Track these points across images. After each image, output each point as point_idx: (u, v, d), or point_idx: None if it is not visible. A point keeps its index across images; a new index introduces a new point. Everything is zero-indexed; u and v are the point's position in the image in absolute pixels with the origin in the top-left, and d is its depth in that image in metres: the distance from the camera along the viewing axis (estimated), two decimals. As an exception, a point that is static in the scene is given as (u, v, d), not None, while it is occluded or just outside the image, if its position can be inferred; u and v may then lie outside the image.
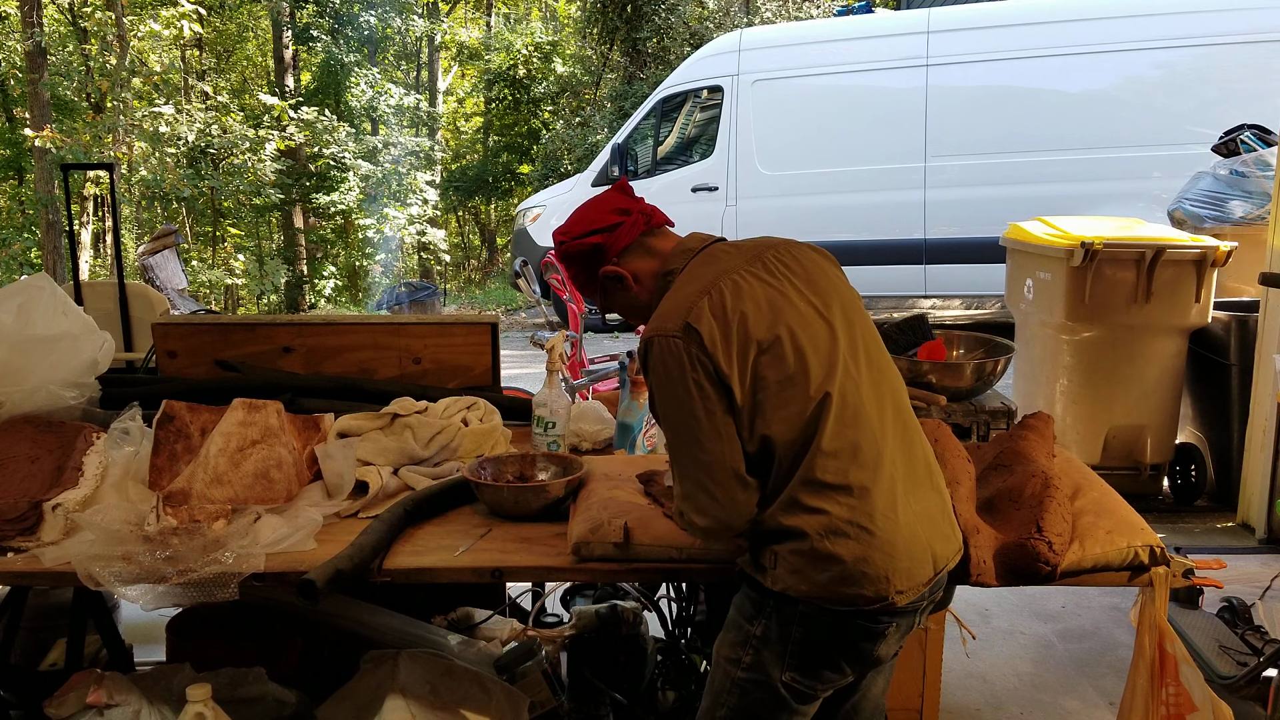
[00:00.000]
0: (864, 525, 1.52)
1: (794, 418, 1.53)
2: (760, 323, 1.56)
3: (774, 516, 1.56)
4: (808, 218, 8.43)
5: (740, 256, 1.65)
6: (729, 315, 1.55)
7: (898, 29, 8.67)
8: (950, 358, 3.47)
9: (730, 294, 1.57)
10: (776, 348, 1.55)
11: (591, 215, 1.75)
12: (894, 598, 1.53)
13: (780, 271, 1.64)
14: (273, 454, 2.08)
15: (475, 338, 2.73)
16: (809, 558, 1.52)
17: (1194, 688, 1.89)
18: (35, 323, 2.28)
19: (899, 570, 1.53)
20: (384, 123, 15.65)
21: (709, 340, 1.54)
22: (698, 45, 12.29)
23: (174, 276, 7.70)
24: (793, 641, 1.58)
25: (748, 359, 1.55)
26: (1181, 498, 4.57)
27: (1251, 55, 7.47)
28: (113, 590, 1.71)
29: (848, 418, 1.55)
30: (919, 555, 1.56)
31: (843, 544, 1.51)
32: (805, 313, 1.60)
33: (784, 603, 1.57)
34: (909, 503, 1.58)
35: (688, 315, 1.56)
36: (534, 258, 8.01)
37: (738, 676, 1.65)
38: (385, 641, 2.33)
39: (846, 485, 1.52)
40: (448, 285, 17.40)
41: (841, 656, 1.60)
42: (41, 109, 12.06)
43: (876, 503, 1.53)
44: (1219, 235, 4.52)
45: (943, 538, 1.63)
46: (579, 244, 1.74)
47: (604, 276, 1.75)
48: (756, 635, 1.61)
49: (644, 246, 1.74)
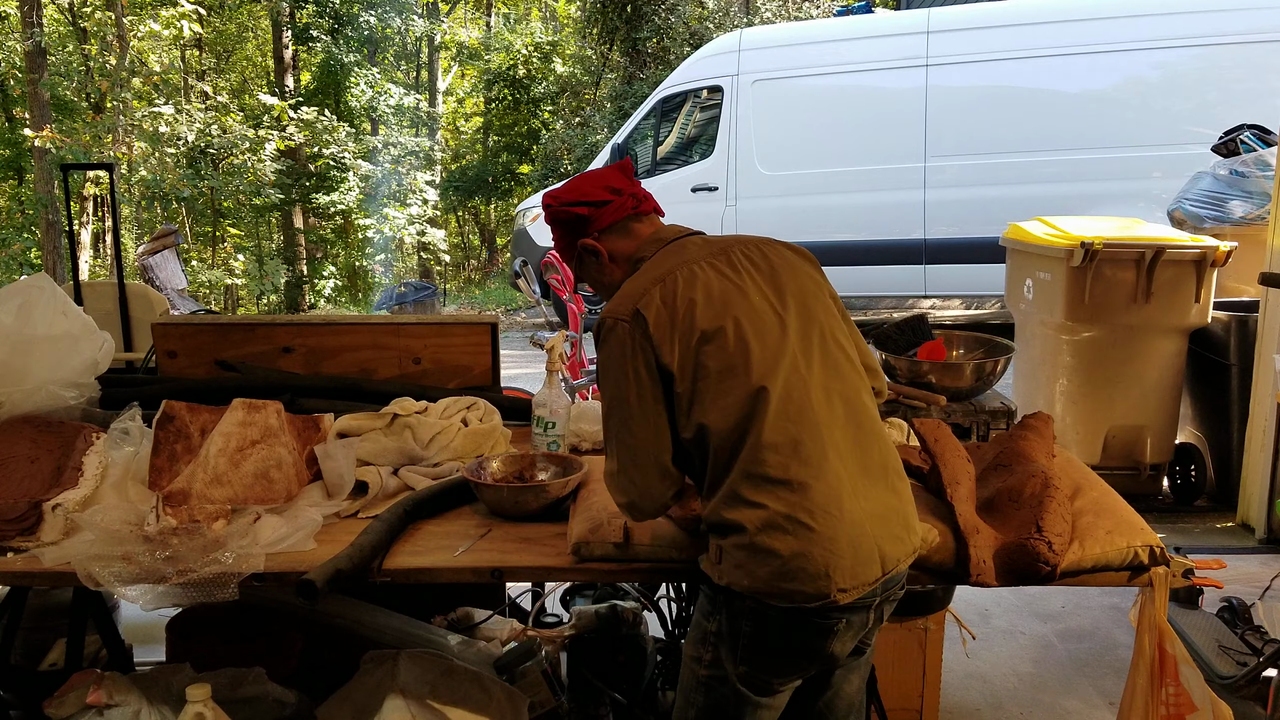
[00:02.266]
0: (803, 521, 1.51)
1: (732, 408, 1.56)
2: (707, 312, 1.60)
3: (716, 510, 1.57)
4: (807, 218, 8.44)
5: (706, 249, 1.70)
6: (678, 302, 1.60)
7: (897, 29, 8.67)
8: (950, 358, 3.47)
9: (683, 282, 1.63)
10: (720, 337, 1.58)
11: (584, 187, 1.80)
12: (836, 595, 1.52)
13: (743, 266, 1.67)
14: (272, 454, 2.08)
15: (475, 338, 2.73)
16: (749, 551, 1.53)
17: (1194, 688, 1.89)
18: (35, 323, 2.28)
19: (841, 567, 1.52)
20: (384, 123, 15.66)
21: (654, 327, 1.59)
22: (698, 45, 12.29)
23: (174, 276, 7.71)
24: (743, 636, 1.59)
25: (690, 346, 1.58)
26: (1181, 498, 4.57)
27: (1251, 55, 7.47)
28: (113, 590, 1.72)
29: (790, 412, 1.56)
30: (864, 554, 1.54)
31: (780, 539, 1.51)
32: (758, 306, 1.63)
33: (732, 598, 1.58)
34: (857, 501, 1.56)
35: (639, 301, 1.62)
36: (534, 258, 8.01)
37: (701, 675, 1.67)
38: (385, 641, 2.33)
39: (786, 480, 1.53)
40: (448, 285, 17.39)
41: (792, 652, 1.60)
42: (41, 109, 12.07)
43: (816, 498, 1.53)
44: (1219, 235, 4.52)
45: (894, 538, 1.60)
46: (565, 210, 1.80)
47: (582, 248, 1.80)
48: (713, 632, 1.63)
49: (626, 229, 1.78)
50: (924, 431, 2.10)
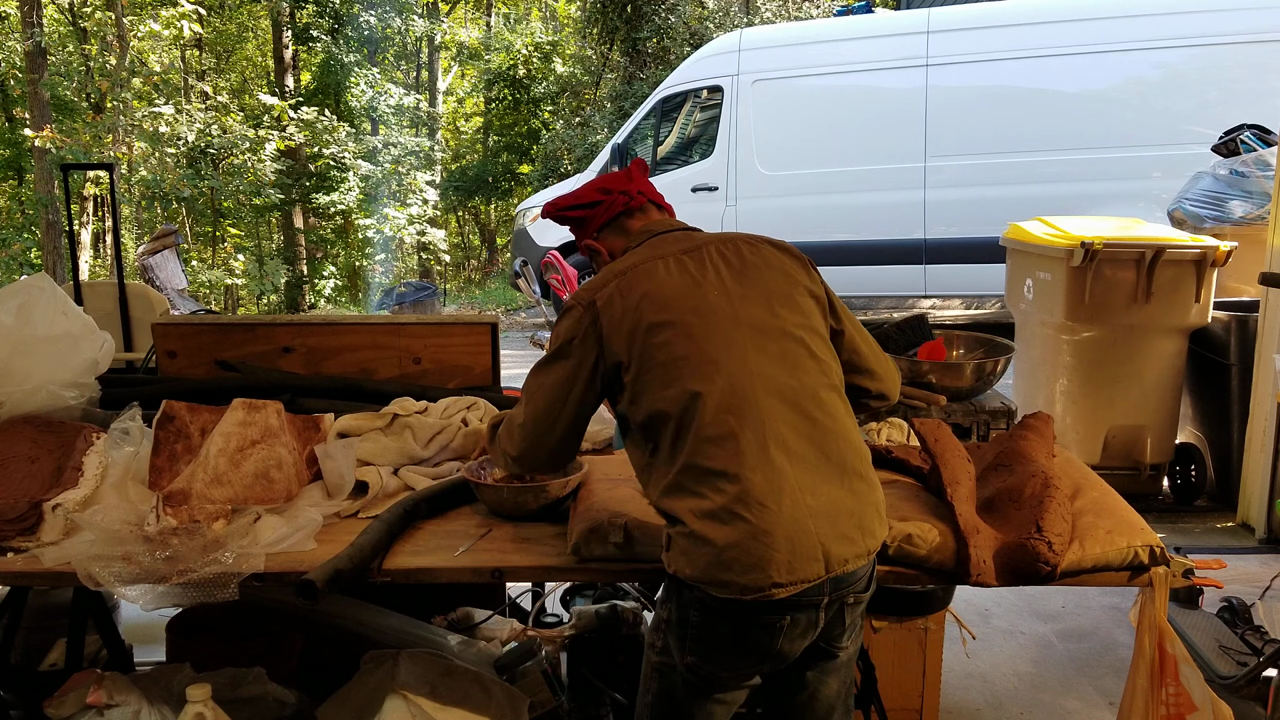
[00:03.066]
0: (738, 512, 1.52)
1: (674, 399, 1.59)
2: (657, 305, 1.64)
3: (661, 500, 1.61)
4: (807, 218, 8.44)
5: (683, 244, 1.75)
6: (631, 294, 1.66)
7: (897, 29, 8.67)
8: (950, 358, 3.47)
9: (642, 276, 1.68)
10: (667, 331, 1.62)
11: (582, 190, 1.89)
12: (771, 590, 1.52)
13: (711, 263, 1.71)
14: (273, 454, 2.08)
15: (475, 338, 2.73)
16: (690, 540, 1.56)
17: (1194, 688, 1.89)
18: (35, 323, 2.28)
19: (777, 562, 1.51)
20: (384, 123, 15.65)
21: (605, 317, 1.66)
22: (698, 45, 12.28)
23: (174, 276, 7.71)
24: (690, 625, 1.61)
25: (638, 337, 1.63)
26: (1181, 498, 4.57)
27: (1251, 55, 7.47)
28: (113, 590, 1.72)
29: (732, 405, 1.58)
30: (803, 550, 1.53)
31: (714, 528, 1.53)
32: (713, 302, 1.66)
33: (681, 586, 1.60)
34: (802, 497, 1.55)
35: (597, 292, 1.69)
36: (534, 258, 8.02)
37: (654, 660, 1.70)
38: (385, 641, 2.33)
39: (723, 471, 1.55)
40: (448, 285, 17.40)
41: (737, 647, 1.60)
42: (41, 109, 12.07)
43: (753, 491, 1.53)
44: (1219, 235, 4.51)
45: (842, 538, 1.57)
46: (562, 214, 1.89)
47: (586, 247, 1.89)
48: (664, 619, 1.66)
49: (620, 226, 1.85)
50: (924, 431, 2.10)
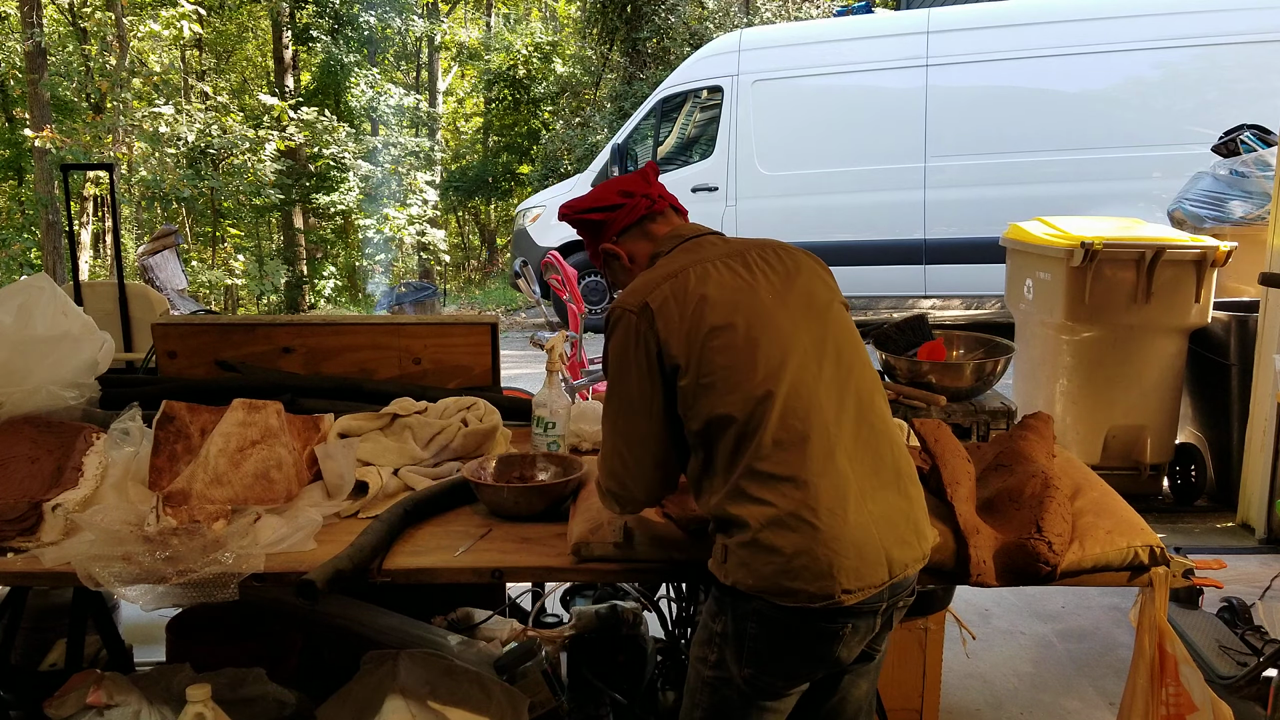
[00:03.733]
0: (806, 519, 1.51)
1: (738, 404, 1.56)
2: (717, 308, 1.61)
3: (721, 506, 1.57)
4: (807, 218, 8.45)
5: (723, 249, 1.72)
6: (689, 297, 1.62)
7: (897, 29, 8.68)
8: (950, 358, 3.47)
9: (695, 279, 1.64)
10: (729, 334, 1.59)
11: (601, 193, 1.84)
12: (840, 597, 1.51)
13: (757, 267, 1.68)
14: (272, 454, 2.08)
15: (475, 338, 2.73)
16: (753, 549, 1.53)
17: (1194, 688, 1.89)
18: (35, 323, 2.28)
19: (845, 568, 1.51)
20: (384, 123, 15.65)
21: (661, 320, 1.61)
22: (698, 45, 12.29)
23: (174, 277, 7.71)
24: (749, 638, 1.58)
25: (698, 341, 1.59)
26: (1181, 498, 4.57)
27: (1251, 55, 7.47)
28: (113, 590, 1.71)
29: (798, 410, 1.56)
30: (870, 556, 1.53)
31: (783, 536, 1.51)
32: (769, 306, 1.63)
33: (738, 598, 1.57)
34: (864, 503, 1.55)
35: (649, 295, 1.64)
36: (534, 258, 8.01)
37: (706, 675, 1.66)
38: (385, 641, 2.33)
39: (791, 477, 1.53)
40: (448, 285, 17.40)
41: (798, 656, 1.59)
42: (41, 109, 12.07)
43: (822, 497, 1.52)
44: (1219, 235, 4.52)
45: (902, 542, 1.59)
46: (581, 217, 1.84)
47: (604, 251, 1.84)
48: (719, 633, 1.63)
49: (643, 230, 1.81)
50: (924, 431, 2.10)
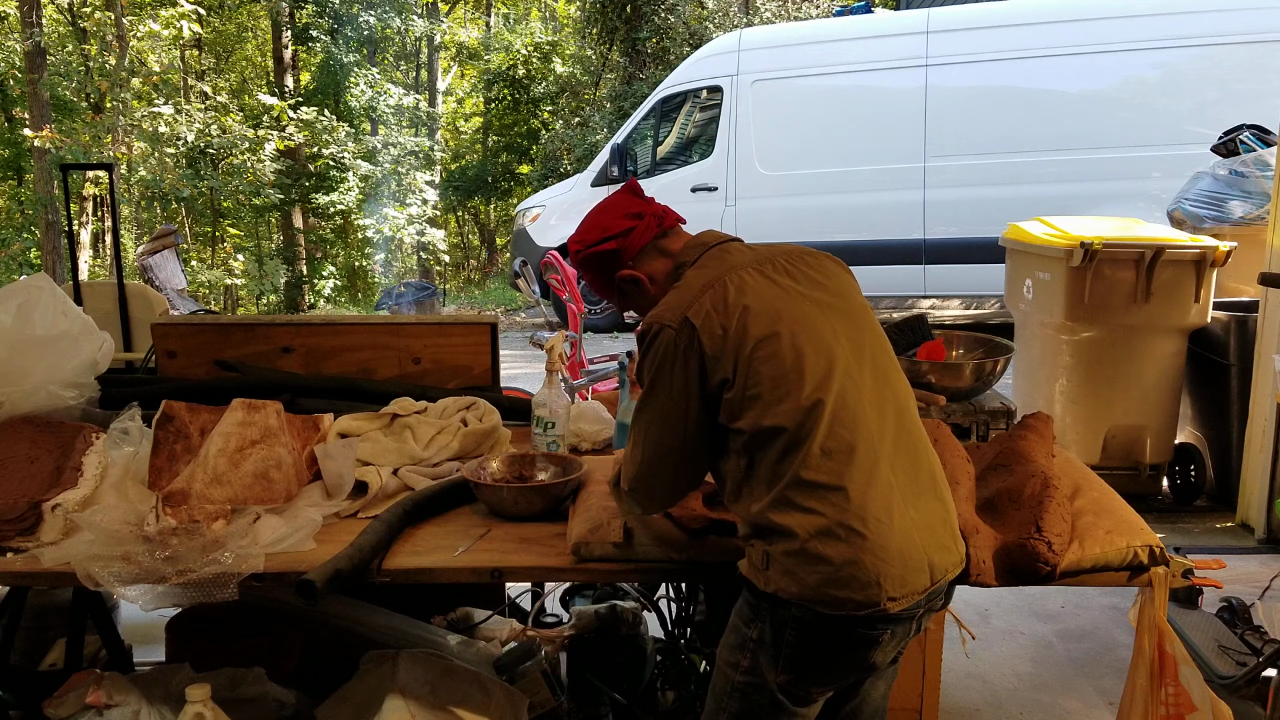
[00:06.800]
0: (854, 528, 1.50)
1: (787, 414, 1.54)
2: (760, 318, 1.58)
3: (764, 514, 1.55)
4: (807, 218, 8.44)
5: (753, 255, 1.69)
6: (730, 308, 1.59)
7: (897, 29, 8.68)
8: (950, 358, 3.47)
9: (734, 288, 1.61)
10: (774, 343, 1.56)
11: (604, 221, 1.77)
12: (886, 604, 1.51)
13: (791, 273, 1.66)
14: (272, 454, 2.08)
15: (475, 338, 2.73)
16: (799, 558, 1.52)
17: (1193, 688, 1.89)
18: (35, 323, 2.28)
19: (891, 576, 1.51)
20: (383, 123, 15.66)
21: (705, 334, 1.57)
22: (697, 45, 12.29)
23: (173, 277, 7.71)
24: (786, 645, 1.57)
25: (744, 352, 1.56)
26: (1181, 498, 4.57)
27: (1251, 55, 7.47)
28: (112, 590, 1.71)
29: (845, 419, 1.55)
30: (914, 563, 1.54)
31: (832, 545, 1.50)
32: (809, 314, 1.61)
33: (777, 605, 1.56)
34: (907, 510, 1.56)
35: (688, 309, 1.59)
36: (534, 258, 8.00)
37: (737, 680, 1.64)
38: (385, 641, 2.33)
39: (839, 486, 1.52)
40: (447, 285, 17.39)
41: (836, 662, 1.59)
42: (41, 109, 12.07)
43: (869, 506, 1.52)
44: (1218, 235, 4.52)
45: (942, 548, 1.60)
46: (594, 250, 1.76)
47: (620, 280, 1.78)
48: (753, 639, 1.61)
49: (658, 249, 1.76)
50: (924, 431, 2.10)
